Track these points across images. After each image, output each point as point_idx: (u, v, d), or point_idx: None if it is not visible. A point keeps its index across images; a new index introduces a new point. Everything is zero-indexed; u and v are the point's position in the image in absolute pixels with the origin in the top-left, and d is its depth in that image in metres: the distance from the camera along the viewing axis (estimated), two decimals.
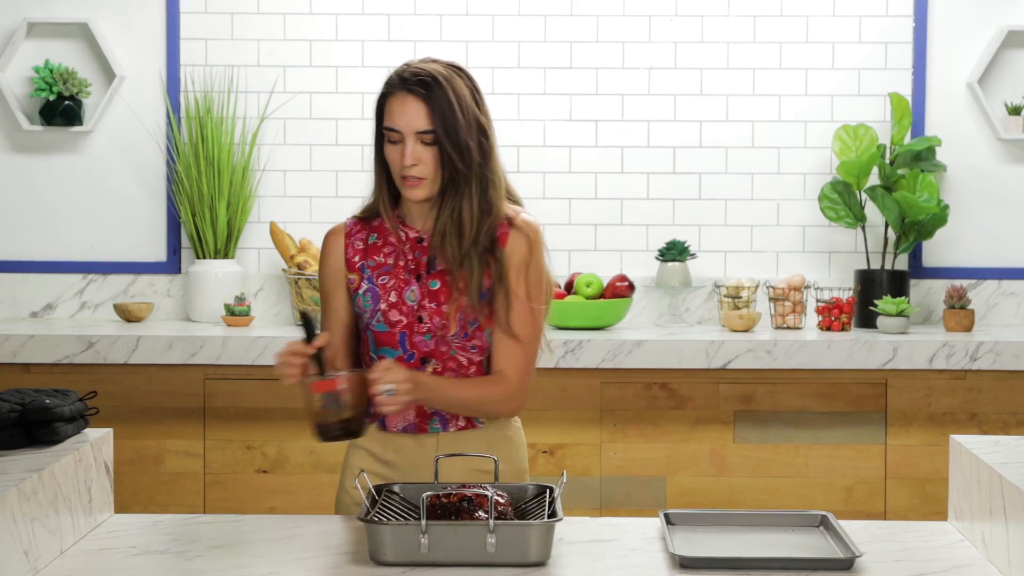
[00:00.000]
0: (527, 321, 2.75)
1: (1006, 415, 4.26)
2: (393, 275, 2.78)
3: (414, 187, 2.73)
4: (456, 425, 2.79)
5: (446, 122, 2.71)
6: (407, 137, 2.72)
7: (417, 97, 2.72)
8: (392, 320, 2.77)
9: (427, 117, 2.71)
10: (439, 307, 2.75)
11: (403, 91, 2.74)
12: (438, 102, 2.71)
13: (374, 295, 2.78)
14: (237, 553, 2.39)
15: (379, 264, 2.80)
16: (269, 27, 4.81)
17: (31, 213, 4.83)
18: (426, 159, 2.72)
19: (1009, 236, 4.81)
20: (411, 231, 2.80)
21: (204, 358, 4.24)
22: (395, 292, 2.77)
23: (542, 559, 2.28)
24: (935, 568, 2.31)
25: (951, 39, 4.77)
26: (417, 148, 2.71)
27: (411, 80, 2.74)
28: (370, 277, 2.80)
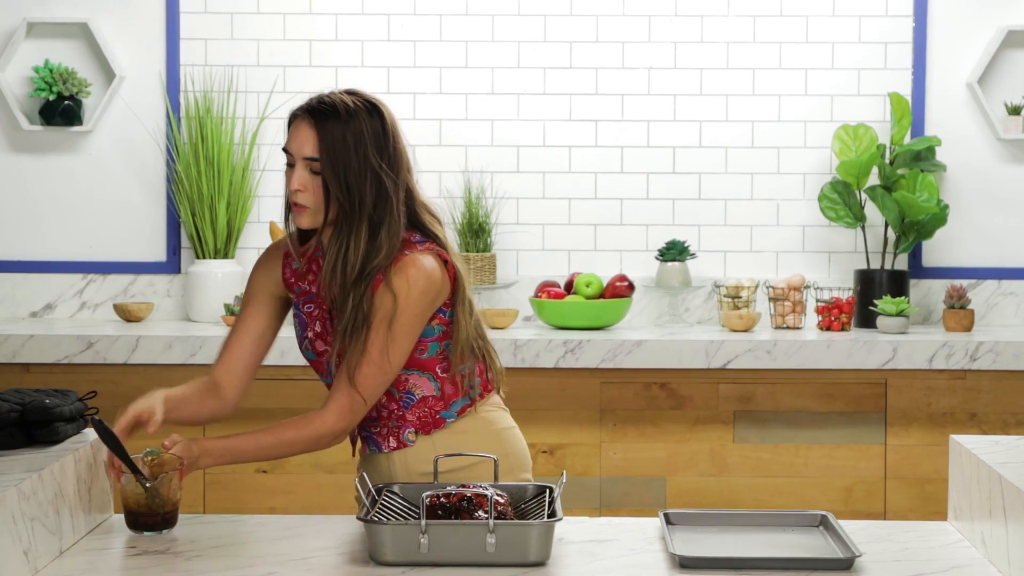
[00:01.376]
0: (370, 375, 2.68)
1: (1006, 415, 4.26)
2: (317, 304, 2.77)
3: (299, 214, 2.71)
4: (388, 446, 2.76)
5: (333, 157, 2.66)
6: (297, 161, 2.69)
7: (310, 124, 2.68)
8: (319, 350, 2.78)
9: (315, 145, 2.66)
10: None
11: (303, 115, 2.70)
12: (329, 134, 2.66)
13: (301, 322, 2.79)
14: (237, 553, 2.39)
15: (304, 291, 2.79)
16: (269, 27, 4.81)
17: (31, 213, 4.83)
18: (312, 188, 2.68)
19: (1009, 236, 4.81)
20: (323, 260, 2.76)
21: (204, 358, 4.24)
22: (319, 322, 2.77)
23: (542, 559, 2.28)
24: (935, 568, 2.31)
25: (951, 39, 4.77)
26: (304, 175, 2.68)
27: (314, 106, 2.69)
28: (297, 303, 2.80)
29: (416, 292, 2.67)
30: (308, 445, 2.70)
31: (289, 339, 4.22)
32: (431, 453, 2.74)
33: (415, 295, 2.67)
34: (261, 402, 4.26)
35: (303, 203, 2.69)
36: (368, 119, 2.70)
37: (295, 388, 4.26)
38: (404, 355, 2.70)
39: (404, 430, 2.77)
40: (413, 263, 2.68)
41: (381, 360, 2.67)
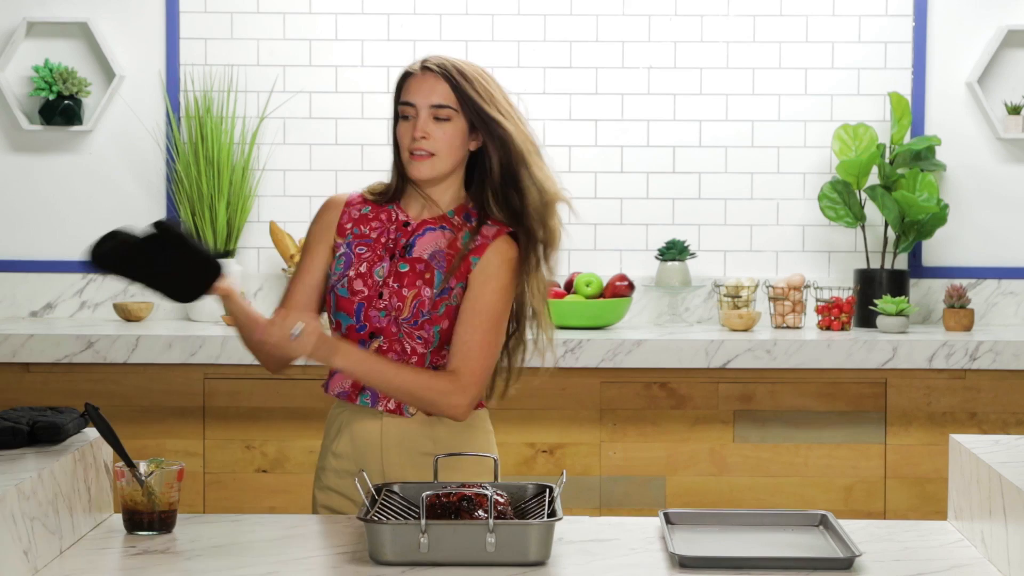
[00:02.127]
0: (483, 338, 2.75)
1: (1006, 415, 4.26)
2: (371, 248, 2.82)
3: (420, 162, 2.77)
4: (384, 405, 2.79)
5: (476, 93, 2.76)
6: (420, 111, 2.76)
7: (436, 76, 2.77)
8: (355, 289, 2.81)
9: (446, 93, 2.76)
10: (399, 289, 2.77)
11: (423, 70, 2.79)
12: (460, 80, 2.76)
13: (347, 260, 2.82)
14: (237, 553, 2.39)
15: (363, 235, 2.84)
16: (269, 27, 4.81)
17: (31, 212, 4.83)
18: (436, 135, 2.76)
19: (1009, 236, 4.81)
20: (402, 214, 2.85)
21: (204, 357, 4.24)
22: (367, 263, 2.81)
23: (542, 559, 2.28)
24: (935, 568, 2.31)
25: (951, 39, 4.77)
26: (428, 124, 2.76)
27: (431, 60, 2.80)
28: (350, 243, 2.83)
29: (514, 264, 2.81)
30: (434, 402, 2.75)
31: None
32: (424, 433, 2.78)
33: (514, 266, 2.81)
34: (261, 402, 4.26)
35: (428, 149, 2.76)
36: (489, 76, 2.81)
37: (295, 388, 4.26)
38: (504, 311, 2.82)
39: None
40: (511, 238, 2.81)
41: (495, 318, 2.78)
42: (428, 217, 2.83)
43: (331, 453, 2.86)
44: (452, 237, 2.80)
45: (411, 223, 2.83)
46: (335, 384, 2.85)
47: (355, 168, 4.80)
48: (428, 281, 2.78)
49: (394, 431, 2.80)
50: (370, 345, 2.79)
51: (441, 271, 2.77)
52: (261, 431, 4.27)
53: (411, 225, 2.83)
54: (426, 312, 2.78)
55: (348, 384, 2.82)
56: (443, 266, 2.78)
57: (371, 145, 4.81)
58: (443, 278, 2.77)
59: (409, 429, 2.80)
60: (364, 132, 4.80)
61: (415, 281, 2.78)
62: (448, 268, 2.77)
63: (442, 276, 2.77)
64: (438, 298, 2.77)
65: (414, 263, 2.79)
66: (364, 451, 2.81)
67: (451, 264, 2.77)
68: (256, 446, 4.27)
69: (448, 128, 2.76)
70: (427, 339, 2.80)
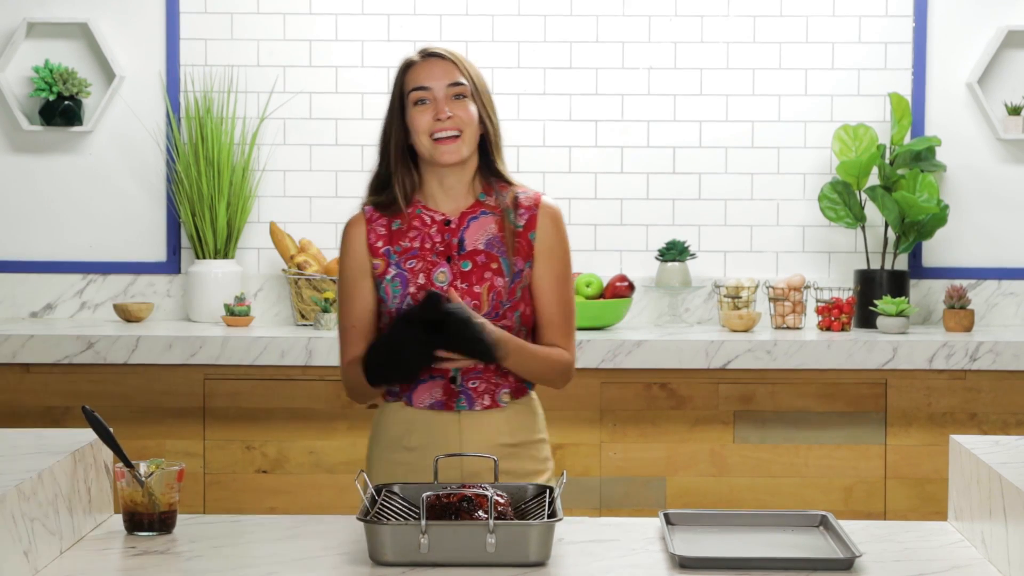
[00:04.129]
0: (570, 302, 2.85)
1: (1006, 415, 4.26)
2: (420, 258, 2.81)
3: (448, 145, 2.77)
4: (481, 404, 2.82)
5: (474, 81, 2.81)
6: (438, 92, 2.78)
7: (441, 58, 2.81)
8: None
9: (458, 71, 2.79)
10: (470, 287, 2.78)
11: (429, 57, 2.81)
12: (463, 63, 2.82)
13: (403, 280, 2.81)
14: (237, 553, 2.39)
15: (405, 249, 2.82)
16: (269, 27, 4.81)
17: (31, 213, 4.83)
18: (459, 113, 2.78)
19: (1009, 236, 4.81)
20: (436, 214, 2.83)
21: (204, 358, 4.24)
22: (423, 275, 2.80)
23: (542, 559, 2.28)
24: (935, 568, 2.31)
25: (951, 39, 4.77)
26: (450, 103, 2.78)
27: (432, 49, 2.84)
28: (397, 263, 2.81)
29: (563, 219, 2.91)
30: (564, 374, 2.86)
31: (289, 339, 4.24)
32: (499, 421, 2.82)
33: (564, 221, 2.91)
34: (261, 402, 4.26)
35: (457, 127, 2.77)
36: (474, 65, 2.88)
37: (295, 388, 4.26)
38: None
39: (501, 390, 2.84)
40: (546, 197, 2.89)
41: (566, 283, 2.87)
42: (464, 208, 2.83)
43: (403, 448, 2.83)
44: (497, 219, 2.82)
45: (451, 220, 2.82)
46: (422, 397, 2.82)
47: (355, 168, 4.79)
48: (497, 271, 2.79)
49: (472, 422, 2.82)
50: None
51: (505, 256, 2.79)
52: (261, 432, 4.27)
53: (452, 222, 2.82)
54: (505, 300, 2.79)
55: (440, 394, 2.81)
56: (504, 251, 2.80)
57: (371, 146, 4.74)
58: (510, 263, 2.79)
59: (485, 419, 2.82)
60: (364, 132, 4.80)
61: (483, 274, 2.79)
62: (510, 251, 2.79)
63: (508, 262, 2.79)
64: (512, 284, 2.79)
65: (473, 257, 2.80)
66: (442, 443, 2.80)
67: (511, 246, 2.80)
68: (256, 447, 4.27)
69: (468, 104, 2.79)
70: (509, 326, 2.81)
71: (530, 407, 2.89)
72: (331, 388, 4.26)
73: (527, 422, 2.87)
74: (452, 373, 2.80)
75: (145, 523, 2.48)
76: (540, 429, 2.91)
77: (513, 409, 2.85)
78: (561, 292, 2.83)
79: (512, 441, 2.84)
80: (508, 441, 2.83)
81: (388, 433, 2.87)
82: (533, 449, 2.87)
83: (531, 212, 2.82)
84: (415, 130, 2.79)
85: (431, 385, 2.81)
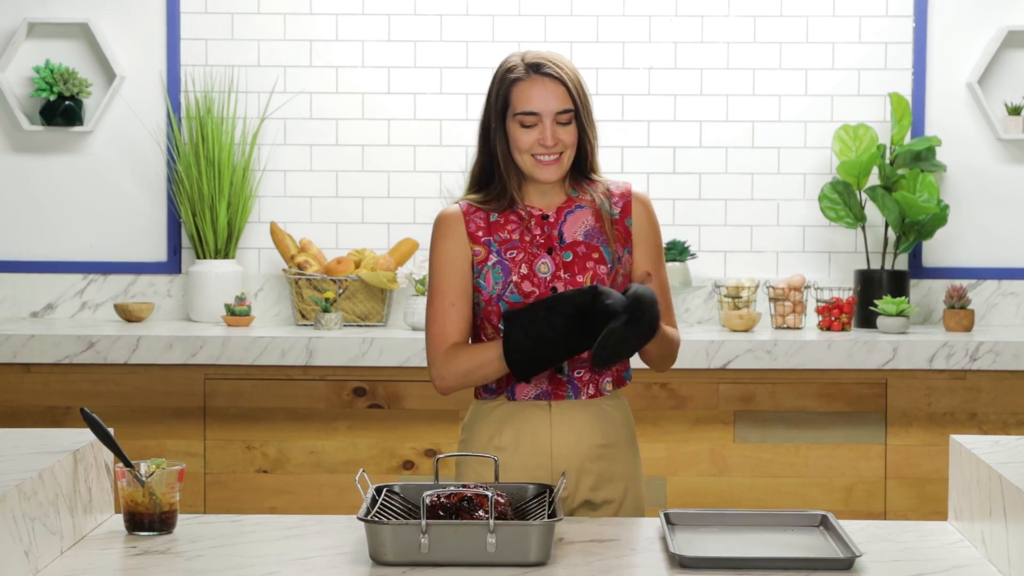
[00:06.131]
0: (667, 283, 2.94)
1: (1006, 415, 4.26)
2: (521, 249, 2.85)
3: (549, 166, 2.82)
4: (586, 393, 2.85)
5: (580, 98, 2.84)
6: (545, 118, 2.80)
7: (552, 79, 2.82)
8: (525, 291, 2.82)
9: (566, 97, 2.81)
10: (573, 277, 2.82)
11: (538, 75, 2.82)
12: (574, 84, 2.83)
13: (504, 268, 2.84)
14: (237, 553, 2.39)
15: (505, 240, 2.86)
16: (269, 27, 4.81)
17: (31, 213, 4.83)
18: (563, 138, 2.82)
19: (1009, 236, 4.81)
20: (534, 209, 2.87)
21: (204, 358, 4.24)
22: (525, 264, 2.84)
23: (542, 559, 2.28)
24: (935, 568, 2.31)
25: (951, 39, 4.77)
26: (556, 129, 2.81)
27: (544, 65, 2.83)
28: (498, 251, 2.85)
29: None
30: (677, 350, 2.96)
31: (289, 339, 4.24)
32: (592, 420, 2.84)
33: None
34: (262, 402, 4.27)
35: (559, 151, 2.83)
36: (572, 63, 2.89)
37: (295, 388, 4.26)
38: None
39: (604, 379, 2.88)
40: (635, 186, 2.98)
41: (662, 266, 2.98)
42: (559, 203, 2.88)
43: (494, 447, 2.83)
44: (593, 210, 2.88)
45: (549, 215, 2.87)
46: (527, 389, 2.84)
47: (355, 169, 4.80)
48: (599, 260, 2.84)
49: (563, 420, 2.83)
50: None
51: (605, 244, 2.85)
52: (262, 431, 4.27)
53: (550, 216, 2.87)
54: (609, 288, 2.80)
55: (546, 384, 2.83)
56: (604, 240, 2.86)
57: (372, 146, 4.81)
58: (611, 251, 2.85)
59: (577, 418, 2.83)
60: (365, 132, 4.80)
61: (585, 264, 2.83)
62: (611, 239, 2.86)
63: (609, 249, 2.85)
64: (613, 271, 2.85)
65: (574, 249, 2.84)
66: (533, 443, 2.82)
67: (611, 234, 2.86)
68: (257, 446, 4.27)
69: (571, 129, 2.83)
70: None
71: (623, 409, 2.92)
72: (331, 388, 4.26)
73: (621, 424, 2.90)
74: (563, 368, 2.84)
75: (145, 523, 2.48)
76: (633, 434, 2.94)
77: (607, 409, 2.87)
78: (659, 273, 2.92)
79: (604, 442, 2.86)
80: (600, 442, 2.85)
81: (479, 437, 2.88)
82: (625, 452, 2.90)
83: (624, 200, 2.91)
84: (517, 148, 2.83)
85: (538, 376, 2.83)
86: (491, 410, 2.87)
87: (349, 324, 4.62)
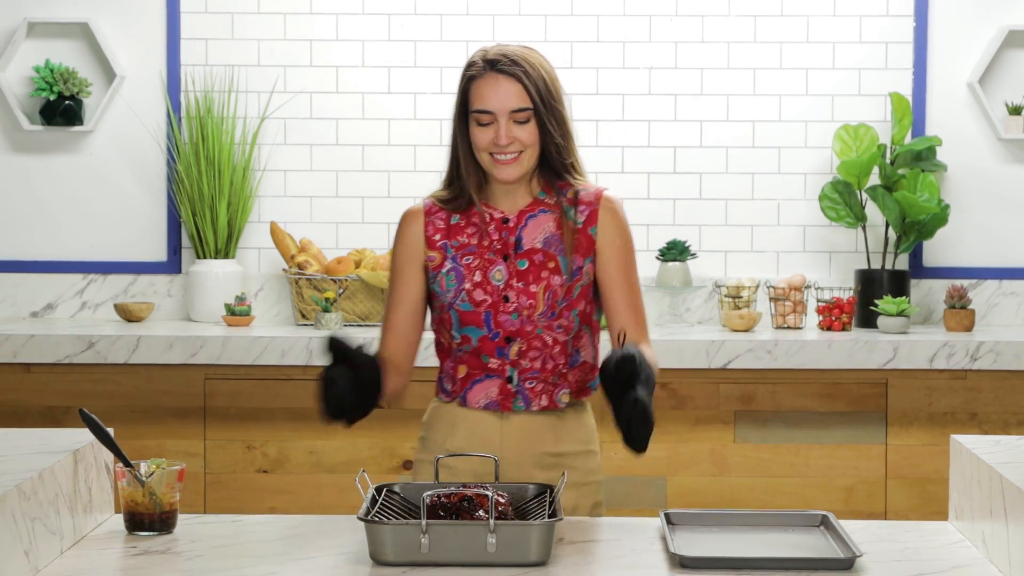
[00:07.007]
0: (639, 294, 2.86)
1: (1007, 415, 4.25)
2: (477, 255, 2.79)
3: (507, 166, 2.75)
4: (539, 404, 2.78)
5: (540, 94, 2.76)
6: (500, 117, 2.73)
7: (507, 77, 2.75)
8: (477, 300, 2.77)
9: (521, 96, 2.74)
10: (527, 287, 2.76)
11: (493, 72, 2.76)
12: (533, 81, 2.76)
13: (458, 275, 2.78)
14: (237, 553, 2.39)
15: (462, 244, 2.80)
16: (269, 27, 4.81)
17: (31, 213, 4.83)
18: (520, 136, 2.75)
19: (1009, 236, 4.81)
20: (496, 211, 2.81)
21: (204, 358, 4.24)
22: (479, 271, 2.78)
23: (542, 559, 2.28)
24: (936, 568, 2.31)
25: (952, 39, 4.77)
26: (511, 128, 2.74)
27: (500, 61, 2.76)
28: (454, 256, 2.79)
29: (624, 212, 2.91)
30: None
31: (290, 339, 4.24)
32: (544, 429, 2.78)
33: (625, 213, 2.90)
34: (262, 402, 4.26)
35: (514, 151, 2.75)
36: (544, 60, 2.83)
37: (295, 388, 4.26)
38: None
39: (560, 390, 2.80)
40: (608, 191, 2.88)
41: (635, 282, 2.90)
42: (523, 206, 2.81)
43: (445, 450, 2.80)
44: (556, 216, 2.80)
45: (509, 218, 2.80)
46: (477, 397, 2.79)
47: (356, 168, 4.79)
48: (554, 270, 2.76)
49: (515, 428, 2.78)
50: (509, 350, 2.76)
51: (563, 254, 2.77)
52: (262, 431, 4.26)
53: (511, 220, 2.80)
54: (562, 299, 2.76)
55: (496, 394, 2.78)
56: (562, 249, 2.77)
57: (372, 145, 4.81)
58: (568, 261, 2.77)
59: (529, 425, 2.78)
60: (365, 132, 4.80)
61: (540, 273, 2.76)
62: (569, 249, 2.77)
63: (566, 260, 2.77)
64: (571, 282, 2.77)
65: (531, 256, 2.77)
66: (483, 448, 2.78)
67: (570, 244, 2.78)
68: (257, 446, 4.27)
69: (529, 128, 2.75)
70: (567, 326, 2.78)
71: (583, 416, 2.85)
72: None
73: (576, 432, 2.83)
74: (508, 373, 2.78)
75: (146, 523, 2.48)
76: (590, 440, 2.86)
77: (565, 416, 2.81)
78: (627, 281, 2.82)
79: (557, 451, 2.80)
80: (552, 450, 2.79)
81: (434, 437, 2.86)
82: (579, 460, 2.82)
83: (592, 208, 2.81)
84: (476, 146, 2.77)
85: (487, 385, 2.78)
86: (446, 412, 2.84)
87: (349, 324, 4.62)
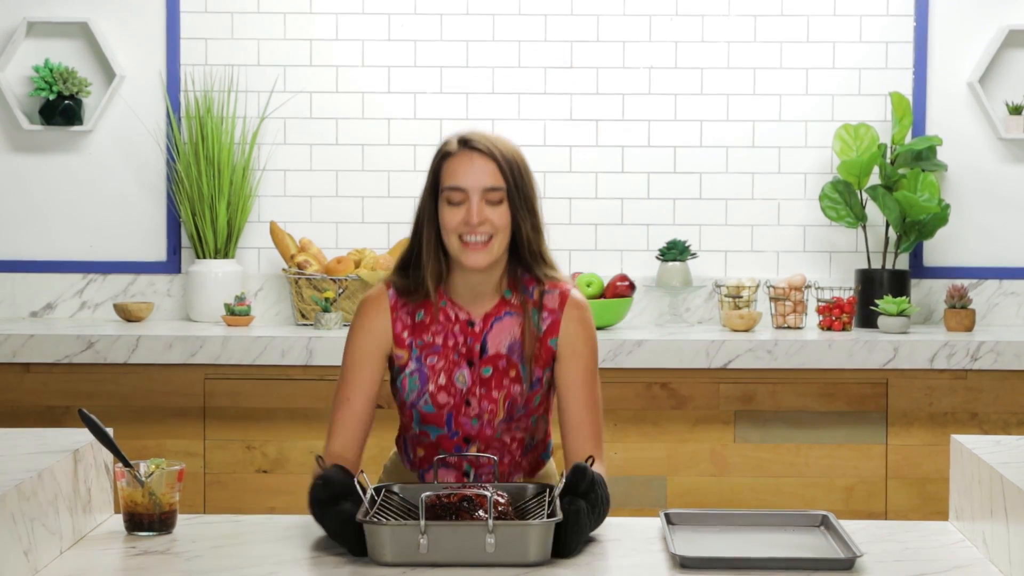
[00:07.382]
0: (596, 400, 2.74)
1: (1007, 415, 4.25)
2: (442, 356, 2.71)
3: (476, 251, 2.65)
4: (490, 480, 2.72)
5: (514, 177, 2.66)
6: (472, 195, 2.64)
7: (482, 155, 2.66)
8: (440, 402, 2.72)
9: (498, 172, 2.65)
10: (488, 392, 2.71)
11: (467, 150, 2.67)
12: (508, 161, 2.66)
13: (422, 376, 2.72)
14: (237, 553, 2.39)
15: (428, 344, 2.72)
16: (269, 27, 4.81)
17: (31, 213, 4.83)
18: (492, 218, 2.65)
19: (1010, 236, 4.80)
20: (460, 311, 2.73)
21: (204, 358, 4.23)
22: (444, 374, 2.71)
23: (542, 559, 2.28)
24: (936, 568, 2.31)
25: (952, 38, 4.77)
26: (484, 208, 2.64)
27: (475, 140, 2.68)
28: (419, 357, 2.72)
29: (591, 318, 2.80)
30: None
31: (289, 339, 4.24)
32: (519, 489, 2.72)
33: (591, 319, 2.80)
34: (262, 402, 4.26)
35: (486, 233, 2.64)
36: (517, 148, 2.72)
37: (295, 388, 4.26)
38: None
39: (514, 477, 2.80)
40: (574, 292, 2.78)
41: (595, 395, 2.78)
42: (489, 308, 2.72)
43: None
44: (521, 321, 2.71)
45: (475, 322, 2.71)
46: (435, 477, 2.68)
47: (355, 168, 4.79)
48: (515, 379, 2.71)
49: None
50: (467, 450, 2.72)
51: (524, 363, 2.70)
52: (261, 431, 4.26)
53: (476, 324, 2.71)
54: (521, 407, 2.73)
55: (453, 479, 2.73)
56: (524, 357, 2.70)
57: (372, 145, 4.81)
58: (528, 371, 2.70)
59: None
60: (365, 132, 4.80)
61: (502, 381, 2.71)
62: (529, 359, 2.69)
63: (526, 369, 2.70)
64: (531, 392, 2.72)
65: (495, 362, 2.71)
66: None
67: (530, 355, 2.69)
68: (256, 446, 4.26)
69: (501, 210, 2.65)
70: (527, 428, 2.77)
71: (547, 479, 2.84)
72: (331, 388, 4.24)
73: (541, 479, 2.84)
74: (465, 468, 2.75)
75: (145, 523, 2.48)
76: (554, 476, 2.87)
77: None
78: (588, 392, 2.71)
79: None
80: None
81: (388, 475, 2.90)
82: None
83: (555, 316, 2.71)
84: (445, 227, 2.66)
85: (444, 472, 2.74)
86: (408, 473, 2.83)
87: (349, 324, 4.61)
